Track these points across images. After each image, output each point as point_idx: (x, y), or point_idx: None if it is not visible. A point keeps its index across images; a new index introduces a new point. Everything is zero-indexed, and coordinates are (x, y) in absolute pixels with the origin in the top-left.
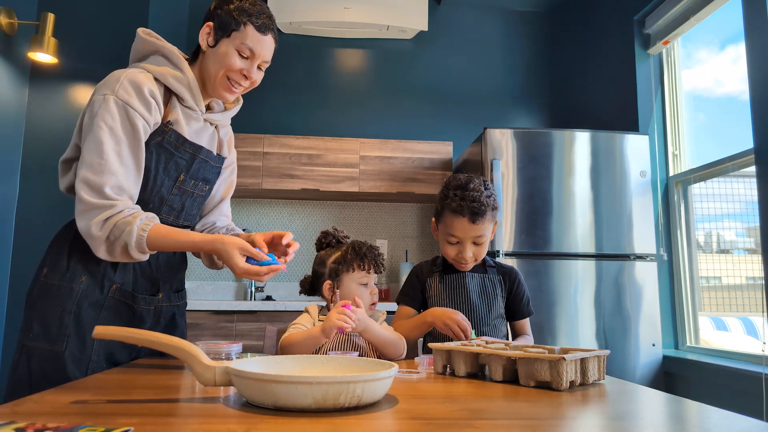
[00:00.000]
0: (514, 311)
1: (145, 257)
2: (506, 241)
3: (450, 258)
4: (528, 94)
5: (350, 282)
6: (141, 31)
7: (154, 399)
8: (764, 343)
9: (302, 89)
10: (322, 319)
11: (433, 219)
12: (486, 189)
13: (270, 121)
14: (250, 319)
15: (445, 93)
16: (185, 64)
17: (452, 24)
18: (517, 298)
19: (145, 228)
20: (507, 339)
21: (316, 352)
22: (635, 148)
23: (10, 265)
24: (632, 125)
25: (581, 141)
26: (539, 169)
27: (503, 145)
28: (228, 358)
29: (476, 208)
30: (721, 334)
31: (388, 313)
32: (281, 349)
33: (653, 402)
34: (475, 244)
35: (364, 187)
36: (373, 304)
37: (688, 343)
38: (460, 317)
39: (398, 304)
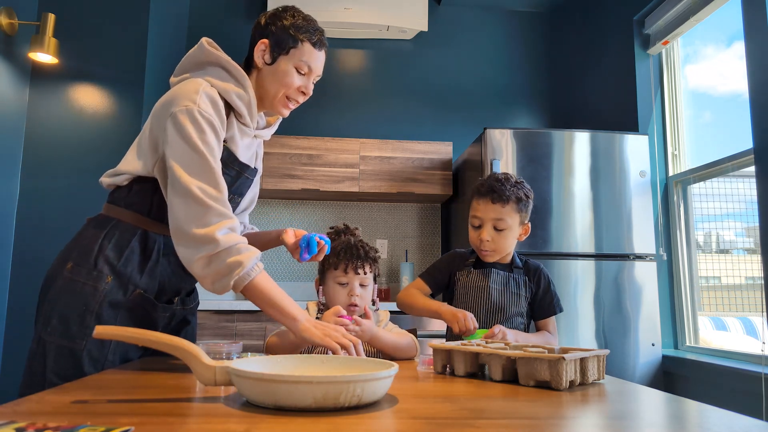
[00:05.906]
0: (538, 309)
1: (222, 293)
2: None
3: (473, 243)
4: (528, 94)
5: (330, 280)
6: (205, 41)
7: (154, 399)
8: (764, 342)
9: None
10: (319, 317)
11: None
12: (517, 183)
13: None
14: (250, 318)
15: (445, 93)
16: (249, 83)
17: (452, 24)
18: (542, 298)
19: (256, 269)
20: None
21: (316, 352)
22: (635, 148)
23: (11, 265)
24: (632, 125)
25: (581, 141)
26: (539, 169)
27: (503, 146)
28: (228, 357)
29: (497, 189)
30: (721, 333)
31: (391, 312)
32: (268, 347)
33: (653, 402)
34: (496, 229)
35: (364, 187)
36: (377, 307)
37: (688, 343)
38: (470, 318)
39: (420, 277)
